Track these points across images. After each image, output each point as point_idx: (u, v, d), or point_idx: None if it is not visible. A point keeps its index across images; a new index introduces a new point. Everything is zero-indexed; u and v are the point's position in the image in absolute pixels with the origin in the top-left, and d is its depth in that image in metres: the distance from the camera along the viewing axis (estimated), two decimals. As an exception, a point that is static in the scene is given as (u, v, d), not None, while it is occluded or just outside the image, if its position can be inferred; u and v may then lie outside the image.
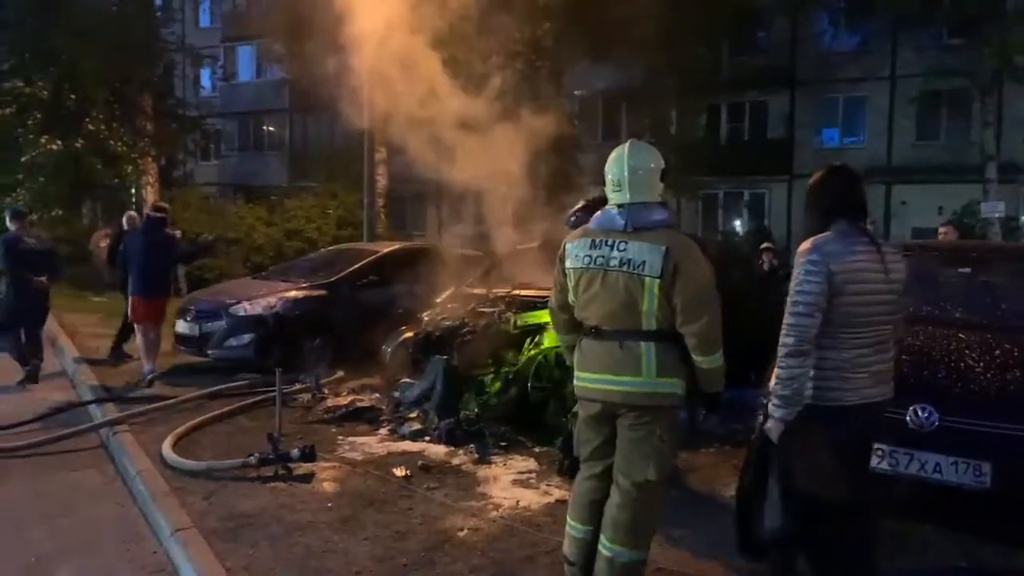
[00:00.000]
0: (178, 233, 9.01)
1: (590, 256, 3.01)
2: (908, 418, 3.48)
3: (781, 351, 2.74)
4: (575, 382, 3.15)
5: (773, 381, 2.76)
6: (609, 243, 2.98)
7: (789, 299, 2.76)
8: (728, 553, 3.50)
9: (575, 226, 5.02)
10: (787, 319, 2.74)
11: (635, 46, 17.27)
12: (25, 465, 5.25)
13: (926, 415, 3.47)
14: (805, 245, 2.81)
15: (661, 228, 2.97)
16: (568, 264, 3.10)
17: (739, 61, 23.46)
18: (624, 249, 2.93)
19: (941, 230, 9.06)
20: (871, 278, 2.75)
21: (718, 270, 3.12)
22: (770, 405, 2.76)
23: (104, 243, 17.31)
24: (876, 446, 3.51)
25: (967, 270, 4.94)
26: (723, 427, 5.48)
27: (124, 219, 9.71)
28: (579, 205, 5.14)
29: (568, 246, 3.12)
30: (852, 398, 2.77)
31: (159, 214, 8.33)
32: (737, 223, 24.88)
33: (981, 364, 3.72)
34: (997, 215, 16.59)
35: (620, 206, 3.02)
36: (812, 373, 2.78)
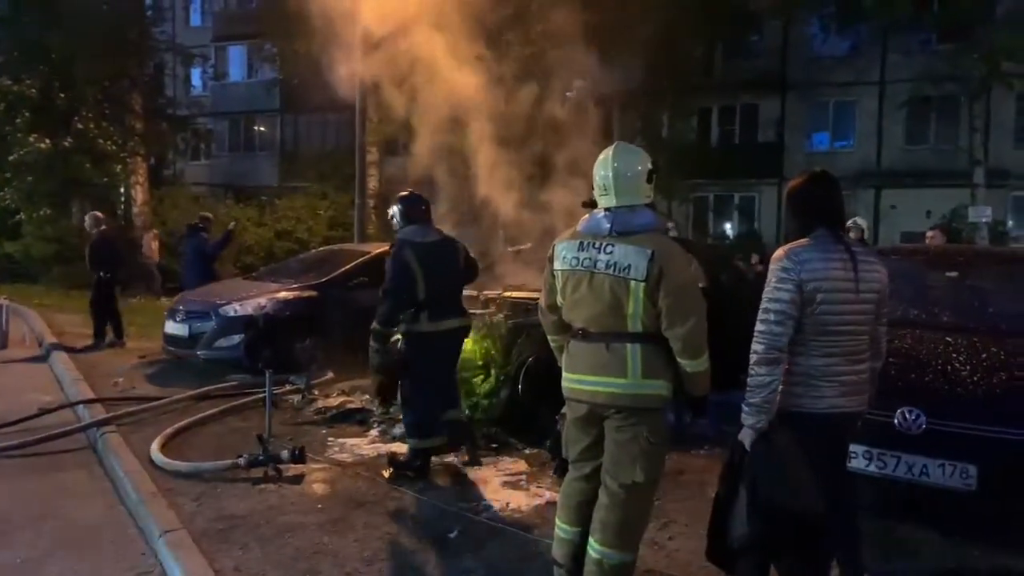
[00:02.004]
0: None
1: (577, 258, 3.01)
2: (896, 421, 3.52)
3: (751, 359, 2.74)
4: (563, 383, 3.15)
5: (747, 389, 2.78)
6: (596, 246, 2.98)
7: (761, 307, 2.76)
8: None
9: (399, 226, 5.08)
10: (758, 326, 2.75)
11: (627, 48, 17.31)
12: (12, 466, 5.21)
13: (913, 418, 3.50)
14: (778, 253, 2.82)
15: (647, 232, 2.97)
16: (556, 265, 3.10)
17: (730, 64, 23.58)
18: (610, 252, 2.94)
19: (928, 234, 9.15)
20: (842, 287, 2.75)
21: (707, 273, 3.14)
22: (742, 414, 2.77)
23: (155, 244, 17.33)
24: (864, 448, 3.55)
25: (954, 274, 4.98)
26: (714, 429, 5.50)
27: (88, 219, 10.50)
28: (403, 194, 5.18)
29: (557, 247, 3.13)
30: (820, 406, 2.77)
31: (195, 223, 10.94)
32: (727, 226, 24.99)
33: (968, 367, 3.76)
34: (984, 220, 16.75)
35: (607, 209, 3.03)
36: (782, 379, 2.79)
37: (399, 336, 5.00)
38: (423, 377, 4.93)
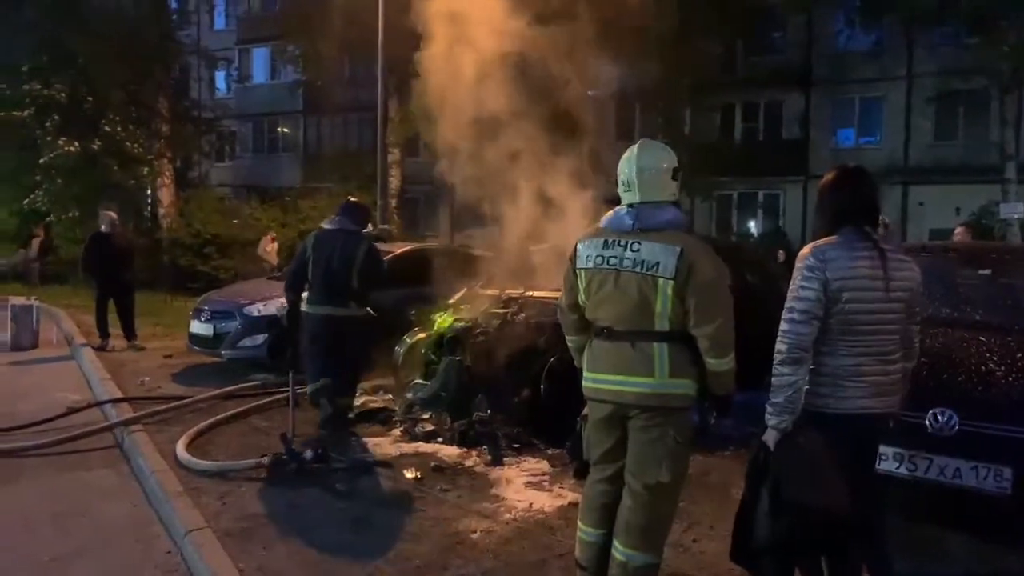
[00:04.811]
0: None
1: (603, 256, 2.98)
2: (927, 422, 3.44)
3: (775, 358, 2.69)
4: (584, 383, 3.11)
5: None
6: (622, 243, 2.94)
7: (785, 305, 2.72)
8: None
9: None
10: (782, 325, 2.70)
11: (649, 46, 17.19)
12: (40, 465, 5.28)
13: (945, 419, 3.42)
14: (804, 251, 2.77)
15: (672, 228, 2.93)
16: (579, 264, 3.07)
17: (754, 61, 23.33)
18: (638, 250, 2.90)
19: (956, 231, 9.06)
20: (870, 286, 2.69)
21: (732, 272, 3.09)
22: (765, 414, 2.72)
23: (271, 247, 17.66)
24: (895, 450, 3.47)
25: (987, 272, 4.87)
26: (738, 430, 5.44)
27: (106, 219, 10.22)
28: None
29: (579, 246, 3.09)
30: (847, 407, 2.72)
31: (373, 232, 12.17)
32: (752, 224, 24.73)
33: (1001, 367, 3.67)
34: (1016, 216, 16.41)
35: (630, 206, 3.00)
36: (807, 379, 2.73)
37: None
38: (303, 351, 5.71)
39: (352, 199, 6.22)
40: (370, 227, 6.36)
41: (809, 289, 2.67)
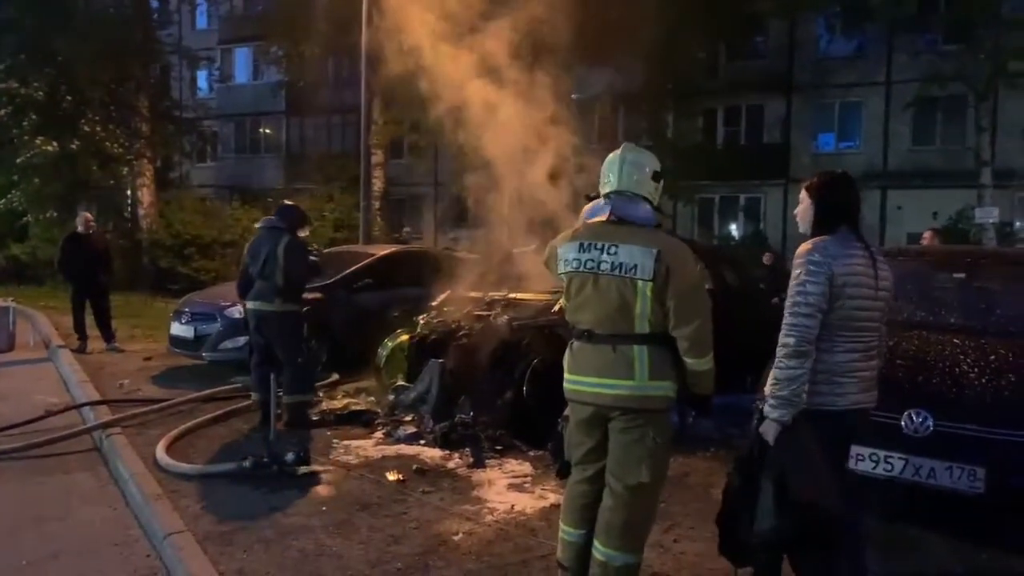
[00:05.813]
0: None
1: (579, 260, 3.00)
2: (903, 423, 3.50)
3: (780, 351, 2.71)
4: (565, 385, 3.13)
5: (770, 382, 2.74)
6: (598, 247, 2.96)
7: (789, 299, 2.74)
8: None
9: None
10: (787, 319, 2.72)
11: (632, 50, 17.29)
12: (18, 468, 5.22)
13: (920, 420, 3.48)
14: (806, 246, 2.80)
15: (649, 227, 2.96)
16: (560, 268, 3.09)
17: (736, 65, 23.52)
18: (615, 253, 2.92)
19: (924, 236, 9.30)
20: (865, 283, 2.76)
21: (713, 274, 3.13)
22: (766, 406, 2.74)
23: None
24: (871, 451, 3.53)
25: (962, 275, 4.95)
26: (719, 431, 5.49)
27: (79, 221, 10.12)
28: None
29: (558, 250, 3.11)
30: (841, 403, 2.77)
31: (398, 235, 11.91)
32: (733, 227, 24.92)
33: (975, 369, 3.73)
34: (991, 220, 16.70)
35: (607, 196, 3.04)
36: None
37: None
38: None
39: (287, 202, 6.61)
40: (307, 231, 6.49)
41: (816, 283, 2.69)
